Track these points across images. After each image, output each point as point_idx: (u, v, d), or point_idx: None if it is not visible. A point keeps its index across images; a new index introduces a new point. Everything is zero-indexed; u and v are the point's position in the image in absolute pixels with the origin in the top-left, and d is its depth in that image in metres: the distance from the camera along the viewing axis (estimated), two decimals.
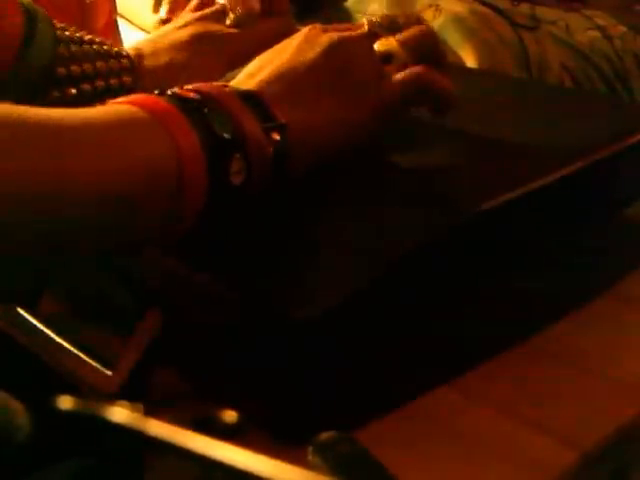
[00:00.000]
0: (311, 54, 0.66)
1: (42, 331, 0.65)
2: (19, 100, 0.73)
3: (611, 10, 2.17)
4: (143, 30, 2.20)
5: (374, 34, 0.71)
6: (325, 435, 0.49)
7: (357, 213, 0.63)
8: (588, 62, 1.98)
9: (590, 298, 0.71)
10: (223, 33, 0.81)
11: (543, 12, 2.13)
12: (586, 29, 2.08)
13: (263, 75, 0.64)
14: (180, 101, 0.57)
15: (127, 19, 2.18)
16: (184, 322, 0.60)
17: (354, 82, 0.66)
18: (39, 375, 0.60)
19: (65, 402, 0.43)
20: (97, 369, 0.60)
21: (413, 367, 0.61)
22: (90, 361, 0.62)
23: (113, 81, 0.74)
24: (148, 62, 0.78)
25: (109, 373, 0.59)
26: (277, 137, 0.60)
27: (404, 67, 0.70)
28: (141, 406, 0.44)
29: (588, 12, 2.18)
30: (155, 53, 0.79)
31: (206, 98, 0.58)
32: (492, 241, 0.65)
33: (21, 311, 0.67)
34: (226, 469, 0.37)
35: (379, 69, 0.69)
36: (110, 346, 0.60)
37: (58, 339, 0.63)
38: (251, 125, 0.58)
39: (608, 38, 2.05)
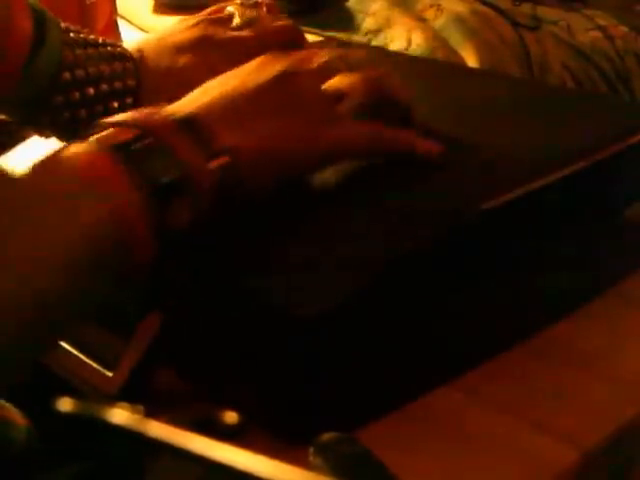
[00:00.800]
0: (259, 80, 0.63)
1: None
2: (27, 106, 0.73)
3: (612, 10, 2.17)
4: (143, 30, 2.21)
5: (333, 69, 0.67)
6: (326, 436, 0.49)
7: (357, 213, 0.63)
8: (589, 62, 1.98)
9: (590, 298, 0.71)
10: (228, 36, 0.79)
11: (544, 12, 2.13)
12: (587, 29, 2.08)
13: (208, 98, 0.62)
14: (119, 149, 0.54)
15: (127, 19, 2.19)
16: (184, 324, 0.60)
17: (300, 116, 0.63)
18: (39, 376, 0.60)
19: (65, 404, 0.43)
20: (97, 370, 0.60)
21: (414, 367, 0.61)
22: (90, 362, 0.62)
23: (117, 84, 0.73)
24: (151, 64, 0.77)
25: (109, 374, 0.59)
26: (223, 161, 0.58)
27: (360, 107, 0.67)
28: (141, 407, 0.44)
29: (589, 12, 2.18)
30: (158, 54, 0.77)
31: (147, 134, 0.55)
32: (492, 241, 0.64)
33: None
34: (227, 470, 0.37)
35: (326, 110, 0.65)
36: (111, 347, 0.60)
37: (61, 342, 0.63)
38: (194, 158, 0.56)
39: (609, 38, 2.05)
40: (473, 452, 0.57)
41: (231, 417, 0.50)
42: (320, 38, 1.87)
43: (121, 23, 1.44)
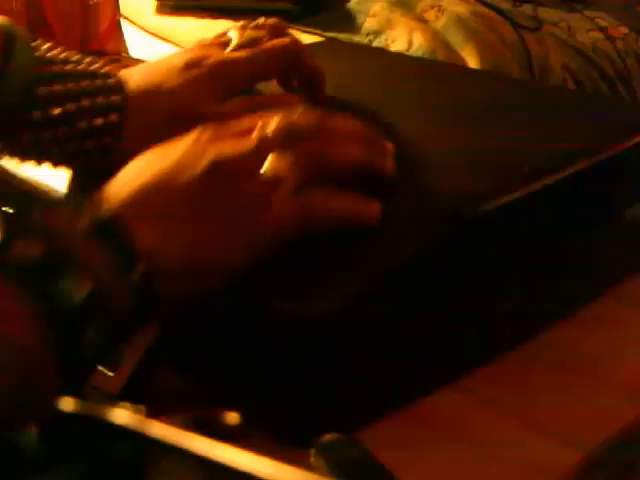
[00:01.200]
0: (190, 172, 0.58)
1: None
2: (3, 124, 0.72)
3: (613, 11, 2.18)
4: (145, 31, 2.21)
5: (266, 151, 0.60)
6: (327, 437, 0.49)
7: None
8: (590, 62, 1.99)
9: (592, 300, 0.71)
10: (221, 58, 0.75)
11: (545, 13, 2.13)
12: (588, 30, 2.09)
13: (131, 191, 0.56)
14: (22, 271, 0.49)
15: (130, 20, 2.19)
16: (185, 324, 0.60)
17: (234, 208, 0.58)
18: None
19: (67, 404, 0.43)
20: (99, 370, 0.60)
21: (414, 369, 0.62)
22: None
23: (100, 100, 0.70)
24: (139, 82, 0.73)
25: (111, 374, 0.59)
26: (142, 270, 0.53)
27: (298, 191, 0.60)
28: (143, 408, 0.44)
29: (590, 13, 2.18)
30: (147, 74, 0.74)
31: (54, 251, 0.50)
32: (493, 241, 0.65)
33: None
34: (228, 470, 0.37)
35: (263, 198, 0.59)
36: None
37: None
38: (107, 274, 0.51)
39: (610, 39, 2.05)
40: (473, 454, 0.57)
41: (232, 418, 0.49)
42: (322, 39, 1.88)
43: (124, 24, 1.44)
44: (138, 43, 2.07)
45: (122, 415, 0.42)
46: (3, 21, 0.69)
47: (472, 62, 1.89)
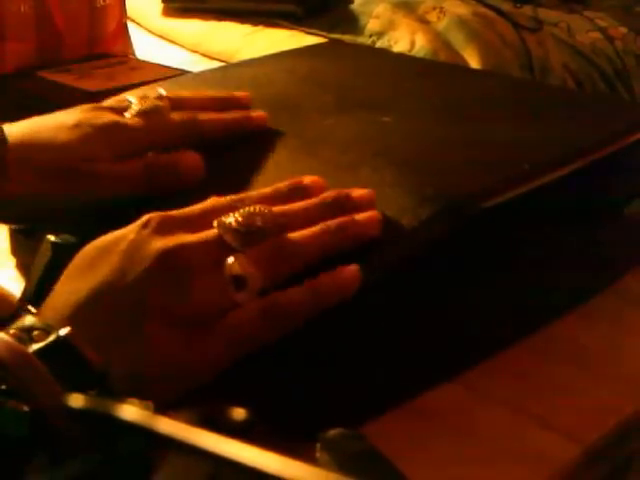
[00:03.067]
0: (135, 270, 0.53)
1: None
2: None
3: (612, 12, 2.18)
4: (152, 33, 2.21)
5: (226, 246, 0.55)
6: (332, 432, 0.49)
7: None
8: (589, 63, 1.99)
9: (592, 295, 0.72)
10: (115, 122, 0.70)
11: (545, 14, 2.13)
12: (587, 30, 2.09)
13: (78, 303, 0.53)
14: None
15: (137, 23, 2.19)
16: None
17: (192, 312, 0.53)
18: None
19: (75, 400, 0.44)
20: None
21: (416, 364, 0.62)
22: None
23: None
24: (24, 135, 0.69)
25: None
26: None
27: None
28: (151, 404, 0.44)
29: (589, 14, 2.18)
30: (34, 128, 0.71)
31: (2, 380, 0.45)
32: (493, 239, 0.65)
33: (32, 309, 0.68)
34: (235, 466, 0.37)
35: (226, 299, 0.54)
36: None
37: None
38: (56, 400, 0.45)
39: (609, 39, 2.05)
40: (474, 448, 0.57)
41: (239, 414, 0.50)
42: (325, 40, 1.88)
43: (131, 26, 1.44)
44: (145, 45, 2.06)
45: (130, 411, 0.42)
46: None
47: (473, 62, 1.89)
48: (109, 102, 0.75)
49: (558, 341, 0.67)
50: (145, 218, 0.56)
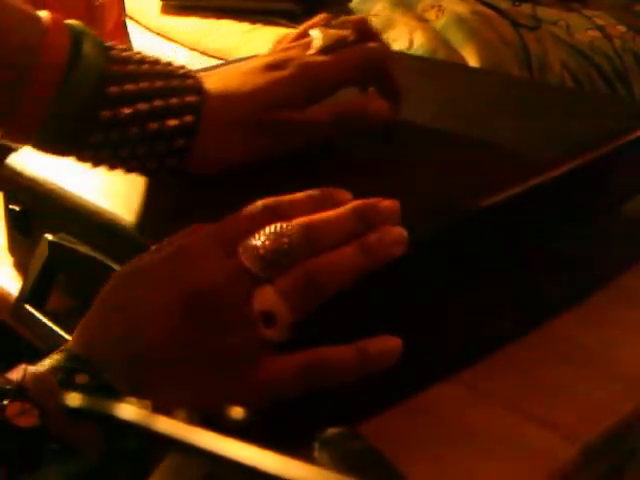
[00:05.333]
0: (170, 319, 0.51)
1: (49, 327, 0.66)
2: (66, 121, 0.67)
3: (611, 10, 2.18)
4: (151, 31, 2.22)
5: (253, 277, 0.53)
6: (330, 431, 0.49)
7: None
8: (588, 61, 1.99)
9: (589, 294, 0.72)
10: (303, 60, 0.69)
11: (544, 12, 2.13)
12: (586, 29, 2.09)
13: (107, 343, 0.51)
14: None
15: (135, 20, 2.19)
16: None
17: (223, 354, 0.51)
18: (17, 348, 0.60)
19: (73, 399, 0.44)
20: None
21: (415, 362, 0.62)
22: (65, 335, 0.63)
23: (174, 100, 0.65)
24: (217, 85, 0.68)
25: None
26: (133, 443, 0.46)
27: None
28: (149, 403, 0.44)
29: (588, 12, 2.19)
30: (227, 76, 0.70)
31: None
32: (491, 237, 0.65)
33: (29, 308, 0.68)
34: (233, 465, 0.37)
35: (255, 337, 0.52)
36: None
37: (66, 335, 0.64)
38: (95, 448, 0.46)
39: (608, 38, 2.05)
40: (473, 446, 0.57)
41: (238, 413, 0.50)
42: None
43: (129, 24, 1.45)
44: (143, 43, 2.07)
45: (128, 410, 0.42)
46: (74, 22, 0.65)
47: (472, 61, 1.89)
48: (292, 39, 0.75)
49: (557, 341, 0.67)
50: (172, 250, 0.54)
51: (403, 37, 1.96)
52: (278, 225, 0.54)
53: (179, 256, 0.53)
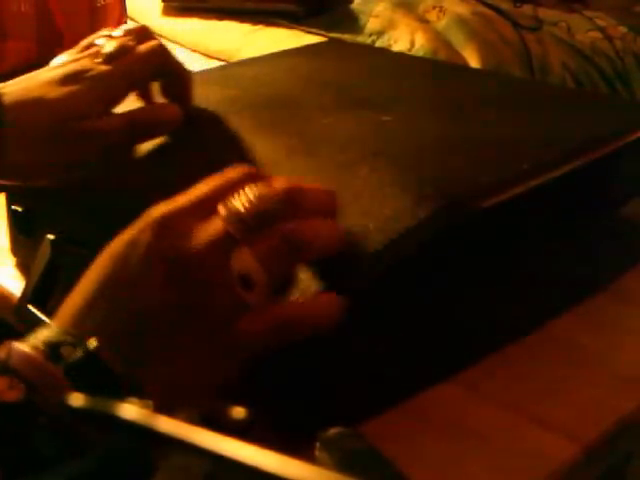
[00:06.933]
0: (153, 288, 0.51)
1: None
2: None
3: (611, 11, 2.18)
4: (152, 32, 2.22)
5: (232, 238, 0.52)
6: (332, 431, 0.49)
7: (357, 211, 0.63)
8: (589, 62, 1.99)
9: (589, 295, 0.72)
10: (95, 71, 0.73)
11: (545, 13, 2.13)
12: (587, 30, 2.09)
13: (100, 319, 0.51)
14: None
15: (137, 22, 2.19)
16: None
17: (205, 318, 0.51)
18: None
19: (75, 399, 0.44)
20: None
21: (415, 363, 0.62)
22: None
23: None
24: (17, 97, 0.71)
25: None
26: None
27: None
28: (151, 403, 0.44)
29: (589, 13, 2.19)
30: (26, 88, 0.72)
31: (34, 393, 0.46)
32: (492, 237, 0.65)
33: (32, 308, 0.68)
34: (234, 465, 0.37)
35: (238, 300, 0.52)
36: None
37: None
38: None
39: (609, 39, 2.05)
40: (473, 447, 0.57)
41: (239, 413, 0.50)
42: (325, 39, 1.88)
43: (131, 25, 1.45)
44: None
45: (130, 410, 0.42)
46: None
47: (473, 61, 1.89)
48: (79, 50, 0.78)
49: (557, 341, 0.67)
50: (149, 220, 0.53)
51: (404, 38, 1.96)
52: (260, 188, 0.54)
53: (158, 224, 0.53)
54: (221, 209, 0.53)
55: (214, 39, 2.07)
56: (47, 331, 0.50)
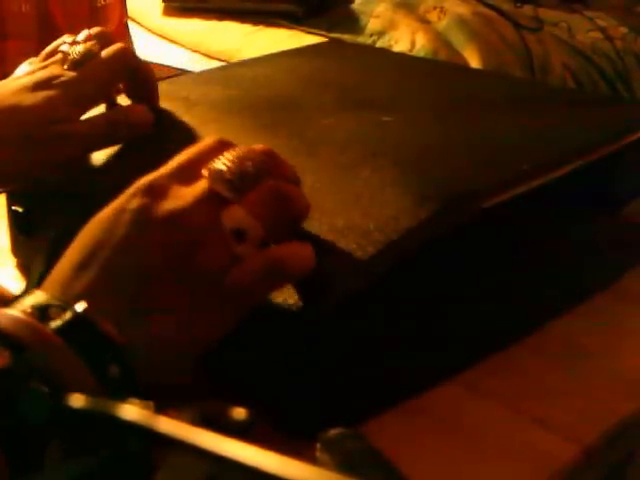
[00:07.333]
0: (143, 248, 0.52)
1: None
2: None
3: (612, 11, 2.18)
4: (153, 33, 2.22)
5: (219, 198, 0.54)
6: (332, 431, 0.49)
7: (357, 210, 0.63)
8: (590, 62, 1.99)
9: (590, 295, 0.72)
10: (64, 77, 0.74)
11: (545, 14, 2.13)
12: (588, 30, 2.09)
13: (89, 282, 0.52)
14: None
15: (137, 22, 2.20)
16: None
17: (198, 274, 0.52)
18: None
19: (77, 400, 0.44)
20: None
21: (416, 363, 0.62)
22: None
23: None
24: None
25: None
26: (116, 370, 0.48)
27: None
28: (152, 404, 0.44)
29: (589, 14, 2.19)
30: (1, 96, 0.73)
31: (25, 361, 0.46)
32: (492, 238, 0.65)
33: None
34: (236, 465, 0.37)
35: (228, 255, 0.53)
36: None
37: None
38: (80, 377, 0.47)
39: (609, 39, 2.06)
40: (474, 447, 0.57)
41: (240, 413, 0.50)
42: (326, 39, 1.88)
43: (131, 25, 1.45)
44: (145, 45, 2.07)
45: (130, 410, 0.42)
46: None
47: (474, 62, 1.89)
48: (44, 57, 0.79)
49: (558, 341, 0.67)
50: (136, 187, 0.55)
51: (405, 38, 1.96)
52: (240, 150, 0.56)
53: (144, 188, 0.55)
54: (204, 171, 0.55)
55: (214, 39, 2.07)
56: (34, 297, 0.50)
